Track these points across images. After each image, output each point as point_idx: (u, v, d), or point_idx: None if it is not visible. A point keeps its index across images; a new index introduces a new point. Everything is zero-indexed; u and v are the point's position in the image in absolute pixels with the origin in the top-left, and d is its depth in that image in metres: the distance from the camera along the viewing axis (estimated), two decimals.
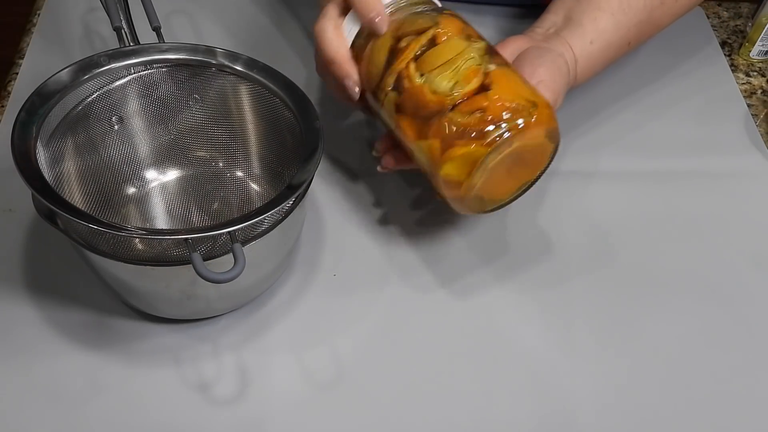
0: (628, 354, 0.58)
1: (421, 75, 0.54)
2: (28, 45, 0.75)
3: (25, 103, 0.52)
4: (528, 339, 0.58)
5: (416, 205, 0.66)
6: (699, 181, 0.69)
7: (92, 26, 0.77)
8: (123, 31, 0.58)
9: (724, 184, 0.69)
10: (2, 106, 0.70)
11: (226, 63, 0.58)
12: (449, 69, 0.53)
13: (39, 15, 0.78)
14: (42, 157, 0.51)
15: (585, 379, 0.57)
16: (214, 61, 0.58)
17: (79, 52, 0.74)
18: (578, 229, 0.65)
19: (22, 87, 0.71)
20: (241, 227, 0.48)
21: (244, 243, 0.50)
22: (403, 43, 0.55)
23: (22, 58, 0.74)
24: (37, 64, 0.73)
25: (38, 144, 0.51)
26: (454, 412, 0.54)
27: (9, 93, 0.71)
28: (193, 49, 0.58)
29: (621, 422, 0.55)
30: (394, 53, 0.55)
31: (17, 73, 0.73)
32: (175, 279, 0.51)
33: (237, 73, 0.58)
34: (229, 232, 0.48)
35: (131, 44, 0.58)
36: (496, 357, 0.57)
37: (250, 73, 0.58)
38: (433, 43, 0.54)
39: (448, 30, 0.55)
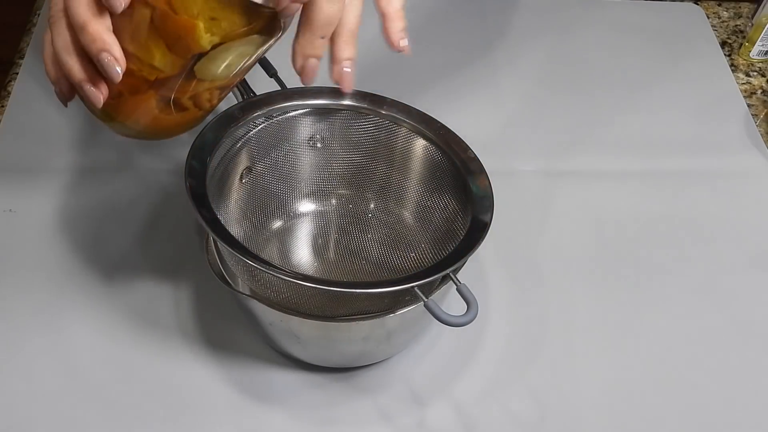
0: (628, 353, 0.58)
1: None
2: (28, 45, 0.75)
3: (186, 169, 0.51)
4: (527, 338, 0.58)
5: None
6: (699, 181, 0.69)
7: None
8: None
9: (724, 184, 0.69)
10: (2, 106, 0.70)
11: (374, 108, 0.57)
12: None
13: (39, 15, 0.78)
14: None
15: (584, 378, 0.57)
16: (362, 105, 0.58)
17: None
18: (578, 228, 0.65)
19: (22, 87, 0.71)
20: (459, 265, 0.49)
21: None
22: None
23: (22, 58, 0.74)
24: (37, 64, 0.73)
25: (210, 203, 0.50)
26: (460, 412, 0.55)
27: (9, 93, 0.71)
28: (332, 92, 0.57)
29: (620, 422, 0.55)
30: None
31: (17, 73, 0.73)
32: (360, 331, 0.51)
33: (384, 117, 0.58)
34: (450, 272, 0.48)
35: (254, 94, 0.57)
36: (497, 356, 0.57)
37: (393, 114, 0.57)
38: None
39: None
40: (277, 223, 0.60)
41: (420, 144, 0.57)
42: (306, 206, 0.61)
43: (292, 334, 0.52)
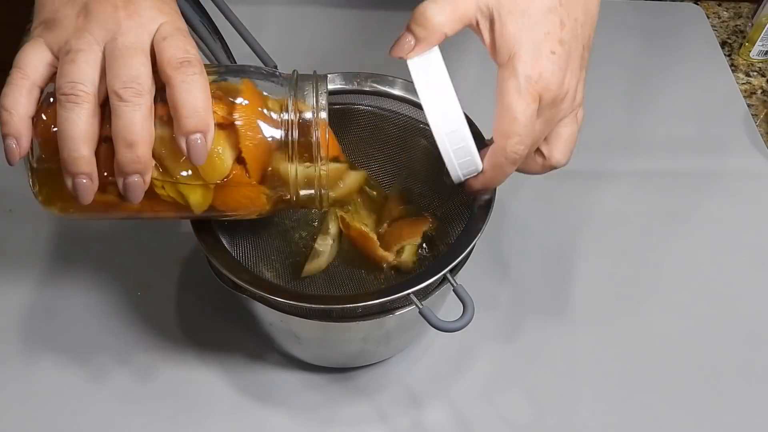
0: (628, 353, 0.58)
1: None
2: None
3: None
4: (525, 340, 0.58)
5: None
6: (699, 181, 0.69)
7: None
8: None
9: (724, 184, 0.69)
10: None
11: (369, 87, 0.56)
12: None
13: None
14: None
15: (585, 378, 0.57)
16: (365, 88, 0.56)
17: None
18: (578, 228, 0.65)
19: None
20: (455, 265, 0.47)
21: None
22: None
23: None
24: None
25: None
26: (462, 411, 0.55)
27: None
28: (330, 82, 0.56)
29: (618, 425, 0.55)
30: None
31: None
32: (357, 332, 0.50)
33: (384, 97, 0.56)
34: (447, 274, 0.47)
35: None
36: (494, 357, 0.57)
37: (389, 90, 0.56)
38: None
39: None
40: (279, 221, 0.60)
41: (420, 122, 0.56)
42: None
43: (292, 334, 0.52)
